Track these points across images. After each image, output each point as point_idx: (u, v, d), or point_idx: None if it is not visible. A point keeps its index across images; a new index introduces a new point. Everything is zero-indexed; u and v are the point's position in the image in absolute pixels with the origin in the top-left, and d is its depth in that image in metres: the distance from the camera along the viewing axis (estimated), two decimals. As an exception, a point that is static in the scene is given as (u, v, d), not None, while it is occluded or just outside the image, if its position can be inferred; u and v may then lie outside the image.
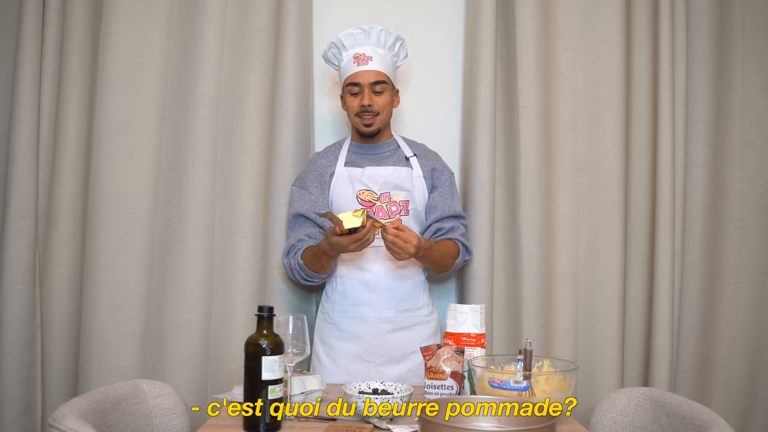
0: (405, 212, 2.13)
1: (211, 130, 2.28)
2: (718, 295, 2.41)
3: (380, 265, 2.12)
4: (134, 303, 2.27)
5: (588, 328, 2.37)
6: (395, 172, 2.15)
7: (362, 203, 2.11)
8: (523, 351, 1.66)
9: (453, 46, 2.54)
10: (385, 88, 2.14)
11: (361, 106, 2.12)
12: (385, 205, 2.12)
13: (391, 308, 2.11)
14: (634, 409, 1.78)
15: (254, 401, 1.46)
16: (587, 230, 2.39)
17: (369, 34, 2.14)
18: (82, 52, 2.36)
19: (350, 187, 2.14)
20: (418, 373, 2.09)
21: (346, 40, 2.14)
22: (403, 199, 2.14)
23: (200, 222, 2.26)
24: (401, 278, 2.13)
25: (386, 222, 2.03)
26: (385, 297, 2.10)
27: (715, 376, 2.40)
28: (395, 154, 2.22)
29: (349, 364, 2.11)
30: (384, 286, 2.11)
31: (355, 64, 2.12)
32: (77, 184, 2.36)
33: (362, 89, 2.11)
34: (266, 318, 1.51)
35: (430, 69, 2.54)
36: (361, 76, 2.11)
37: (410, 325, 2.13)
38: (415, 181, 2.17)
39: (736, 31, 2.41)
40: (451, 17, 2.54)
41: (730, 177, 2.41)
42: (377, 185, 2.13)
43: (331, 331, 2.15)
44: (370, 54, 2.12)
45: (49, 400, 2.31)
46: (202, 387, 2.26)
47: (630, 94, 2.40)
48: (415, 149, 2.25)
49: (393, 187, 2.14)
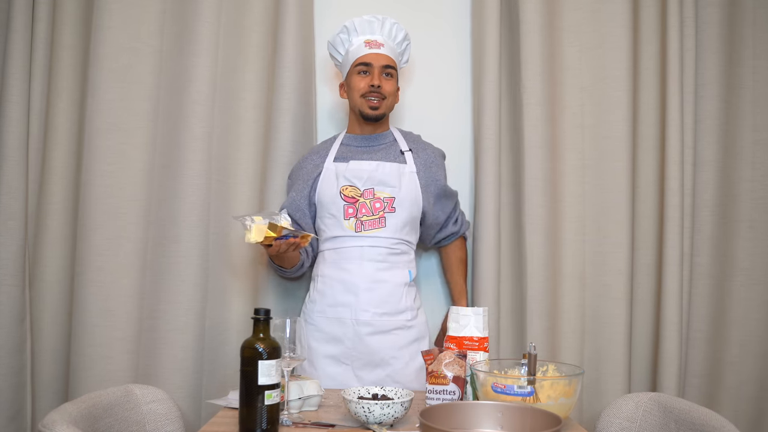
0: (390, 209, 2.12)
1: (205, 128, 2.28)
2: (729, 297, 2.40)
3: (360, 265, 2.10)
4: (127, 305, 2.26)
5: (594, 332, 2.37)
6: (379, 167, 2.14)
7: (346, 199, 2.12)
8: (528, 355, 1.65)
9: (460, 43, 2.54)
10: (394, 75, 2.18)
11: (370, 86, 2.14)
12: (368, 202, 2.11)
13: (369, 310, 2.09)
14: (641, 415, 1.78)
15: (250, 407, 1.46)
16: (593, 230, 2.38)
17: (383, 24, 2.19)
18: (73, 47, 2.35)
19: (335, 183, 2.14)
20: (396, 378, 2.07)
21: (360, 26, 2.19)
22: (388, 195, 2.13)
23: (195, 222, 2.25)
24: (381, 281, 2.11)
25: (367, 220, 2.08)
26: (363, 299, 2.08)
27: (725, 380, 2.40)
28: (390, 148, 2.21)
29: (326, 367, 2.10)
30: (363, 288, 2.09)
31: (368, 47, 2.16)
32: (68, 182, 2.35)
33: (372, 70, 2.14)
34: (263, 321, 1.51)
35: (437, 66, 2.54)
36: (373, 58, 2.15)
37: (389, 329, 2.10)
38: (405, 177, 2.16)
39: (747, 26, 2.41)
40: (456, 12, 2.54)
41: (741, 176, 2.41)
42: (360, 181, 2.13)
43: (311, 332, 2.14)
44: (382, 41, 2.17)
45: (39, 406, 2.30)
46: (196, 392, 2.26)
47: (637, 90, 2.40)
48: (411, 143, 2.25)
49: (377, 183, 2.13)
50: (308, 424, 1.59)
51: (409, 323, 2.14)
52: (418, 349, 2.11)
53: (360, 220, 2.09)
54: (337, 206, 2.12)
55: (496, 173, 2.31)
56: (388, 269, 2.12)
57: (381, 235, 2.09)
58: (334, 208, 2.12)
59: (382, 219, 2.11)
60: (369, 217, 2.10)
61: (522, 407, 1.39)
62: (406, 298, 2.14)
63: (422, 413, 1.28)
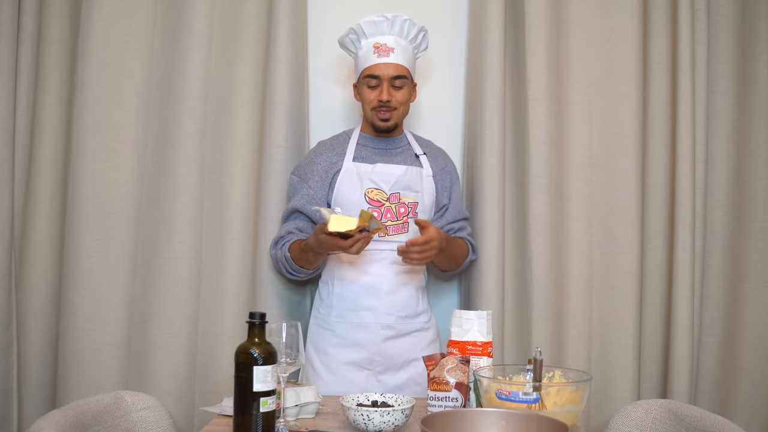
0: (413, 214, 2.14)
1: (198, 124, 2.28)
2: (742, 300, 2.41)
3: (382, 268, 2.12)
4: (117, 309, 2.26)
5: (602, 336, 2.37)
6: (408, 171, 2.15)
7: (371, 202, 2.11)
8: (533, 360, 1.65)
9: (455, 35, 2.53)
10: (405, 83, 2.13)
11: (379, 101, 2.11)
12: (393, 206, 2.12)
13: (393, 314, 2.11)
14: (651, 423, 1.78)
15: (245, 414, 1.46)
16: (601, 231, 2.38)
17: (393, 23, 2.12)
18: (61, 40, 2.35)
19: (359, 184, 2.13)
20: (419, 381, 2.10)
21: (367, 27, 2.13)
22: (413, 200, 2.14)
23: (187, 222, 2.25)
24: (404, 283, 2.14)
25: (391, 225, 2.07)
26: (386, 302, 2.10)
27: (738, 387, 2.40)
28: (406, 151, 2.22)
29: (347, 373, 2.11)
30: (386, 291, 2.11)
31: (376, 54, 2.11)
32: (56, 181, 2.35)
33: (381, 83, 2.11)
34: (258, 325, 1.51)
35: (429, 60, 2.53)
36: (382, 69, 2.10)
37: (410, 332, 2.14)
38: (425, 181, 2.19)
39: (761, 18, 2.41)
40: (451, 4, 2.53)
41: (755, 174, 2.41)
42: (388, 185, 2.13)
43: (328, 338, 2.14)
44: (392, 45, 2.11)
45: (26, 413, 2.30)
46: (189, 399, 2.26)
47: (647, 85, 2.40)
48: (424, 147, 2.27)
49: (403, 188, 2.14)
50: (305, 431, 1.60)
51: (426, 325, 2.18)
52: (436, 351, 2.14)
53: (385, 225, 2.09)
54: (360, 207, 2.10)
55: (500, 171, 2.31)
56: (408, 272, 2.15)
57: (403, 240, 2.09)
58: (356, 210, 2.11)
59: (405, 224, 2.12)
60: (393, 222, 2.11)
61: (527, 415, 1.39)
62: (423, 300, 2.19)
63: (423, 421, 1.29)
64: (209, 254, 2.30)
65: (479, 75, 2.36)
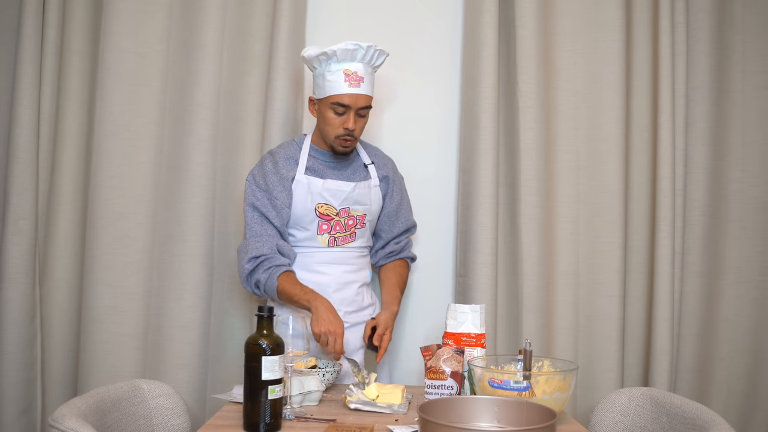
0: (361, 225, 2.13)
1: (211, 130, 2.28)
2: (719, 295, 2.41)
3: (330, 268, 2.10)
4: (134, 303, 2.27)
5: (588, 328, 2.37)
6: (357, 188, 2.11)
7: (320, 216, 2.07)
8: (523, 351, 1.66)
9: (450, 47, 2.51)
10: (368, 111, 2.08)
11: (345, 128, 2.03)
12: (342, 220, 2.10)
13: (341, 309, 2.06)
14: (634, 409, 1.78)
15: (254, 401, 1.46)
16: (587, 230, 2.38)
17: (366, 52, 2.02)
18: (82, 51, 2.35)
19: (308, 198, 2.07)
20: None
21: (341, 54, 2.00)
22: (361, 213, 2.13)
23: (200, 222, 2.26)
24: (350, 281, 2.12)
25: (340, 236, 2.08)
26: (335, 299, 2.04)
27: (715, 376, 2.40)
28: (354, 162, 2.17)
29: None
30: (334, 289, 2.09)
31: (347, 83, 2.00)
32: (77, 184, 2.36)
33: (348, 111, 2.02)
34: (266, 318, 1.51)
35: (424, 69, 2.51)
36: (353, 99, 2.00)
37: (356, 323, 2.11)
38: (372, 192, 2.16)
39: (737, 31, 2.41)
40: (446, 17, 2.51)
41: (731, 177, 2.41)
42: (338, 200, 2.08)
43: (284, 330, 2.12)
44: (362, 74, 2.01)
45: (49, 400, 2.30)
46: (201, 387, 2.26)
47: (630, 94, 2.40)
48: (372, 155, 2.22)
49: (353, 203, 2.10)
50: (310, 418, 1.60)
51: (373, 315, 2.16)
52: None
53: (333, 236, 2.09)
54: (310, 220, 2.07)
55: (494, 174, 2.31)
56: (355, 271, 2.14)
57: (351, 246, 2.12)
58: (306, 221, 2.07)
59: (353, 234, 2.12)
60: (342, 233, 2.10)
61: (518, 402, 1.39)
62: (368, 295, 2.18)
63: (421, 408, 1.29)
64: (220, 251, 2.31)
65: (474, 84, 2.35)
